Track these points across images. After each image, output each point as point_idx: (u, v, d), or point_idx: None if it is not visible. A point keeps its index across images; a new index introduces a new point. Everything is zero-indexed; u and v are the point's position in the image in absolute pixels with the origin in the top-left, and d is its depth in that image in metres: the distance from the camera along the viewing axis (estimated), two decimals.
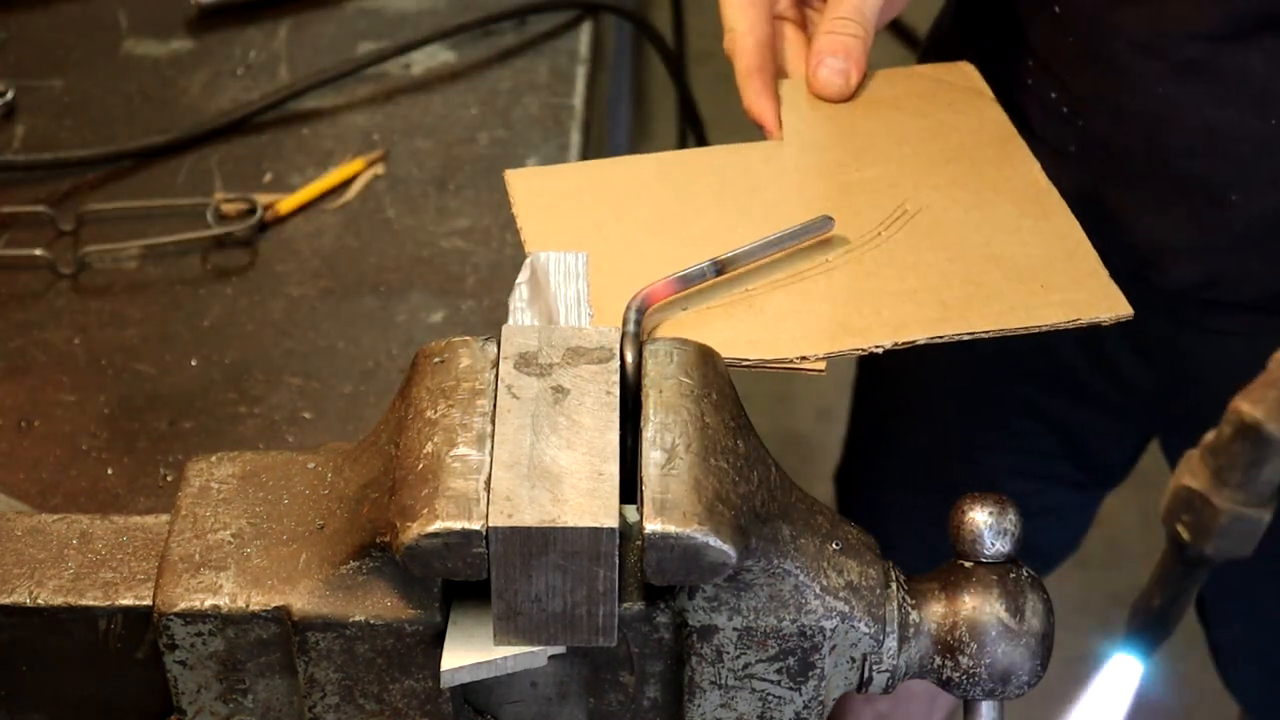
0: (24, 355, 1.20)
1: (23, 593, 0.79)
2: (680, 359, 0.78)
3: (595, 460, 0.74)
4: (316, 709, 0.80)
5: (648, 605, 0.77)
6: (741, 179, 1.00)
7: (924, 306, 0.91)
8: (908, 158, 1.03)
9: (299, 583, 0.77)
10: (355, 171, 1.33)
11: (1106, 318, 0.94)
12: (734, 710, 0.80)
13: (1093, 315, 0.93)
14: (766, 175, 1.01)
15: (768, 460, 0.79)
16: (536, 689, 0.82)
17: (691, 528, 0.72)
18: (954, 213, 0.99)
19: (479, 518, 0.72)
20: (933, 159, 1.03)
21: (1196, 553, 0.92)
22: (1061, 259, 0.96)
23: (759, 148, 1.03)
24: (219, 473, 0.82)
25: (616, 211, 0.97)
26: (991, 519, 0.81)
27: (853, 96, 1.06)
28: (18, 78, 1.41)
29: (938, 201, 0.99)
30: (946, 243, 0.97)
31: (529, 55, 1.45)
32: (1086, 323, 0.93)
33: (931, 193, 1.00)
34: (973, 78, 1.09)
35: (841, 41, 1.04)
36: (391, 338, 1.21)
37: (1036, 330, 0.92)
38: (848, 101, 1.06)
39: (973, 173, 1.02)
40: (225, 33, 1.46)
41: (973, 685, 0.80)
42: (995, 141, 1.04)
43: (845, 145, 1.04)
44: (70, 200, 1.31)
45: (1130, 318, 0.94)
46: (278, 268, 1.27)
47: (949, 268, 0.95)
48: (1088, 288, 0.94)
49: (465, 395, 0.76)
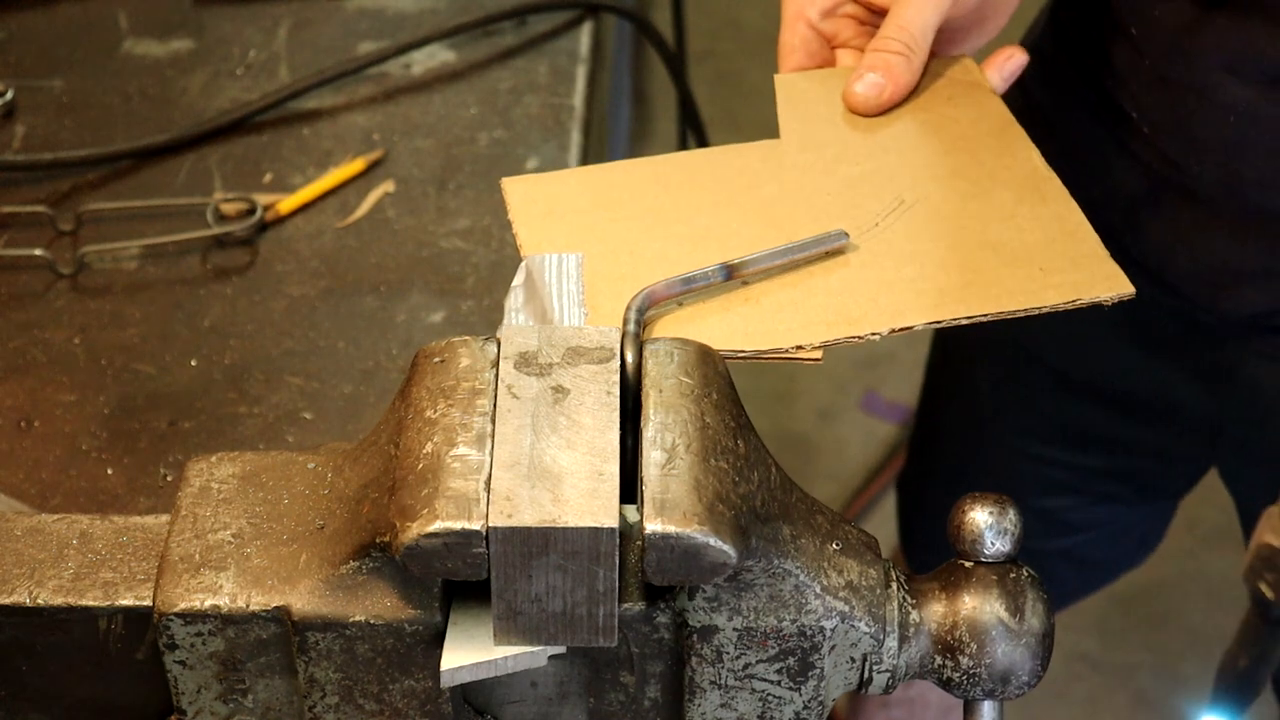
0: (24, 355, 1.20)
1: (23, 593, 0.79)
2: (681, 359, 0.78)
3: (595, 460, 0.74)
4: (316, 709, 0.80)
5: (648, 605, 0.77)
6: (739, 178, 1.00)
7: (921, 294, 0.91)
8: (906, 151, 1.03)
9: (299, 583, 0.77)
10: (355, 171, 1.33)
11: (1108, 297, 0.93)
12: (734, 710, 0.80)
13: (1093, 295, 0.93)
14: (764, 173, 1.01)
15: (768, 460, 0.79)
16: (536, 689, 0.82)
17: (692, 528, 0.72)
18: (952, 202, 0.99)
19: (479, 518, 0.72)
20: (932, 151, 1.03)
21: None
22: (1060, 242, 0.96)
23: (757, 147, 1.03)
24: (219, 473, 0.82)
25: (613, 215, 0.97)
26: (992, 519, 0.81)
27: None
28: (18, 78, 1.41)
29: (936, 192, 0.99)
30: (944, 232, 0.97)
31: (529, 55, 1.45)
32: (1088, 302, 0.93)
33: (930, 184, 1.00)
34: (971, 71, 1.09)
35: (884, 59, 1.04)
36: (391, 338, 1.22)
37: (1036, 312, 0.92)
38: None
39: (972, 163, 1.02)
40: (225, 33, 1.46)
41: (973, 685, 0.80)
42: (994, 132, 1.04)
43: (843, 141, 1.04)
44: (70, 200, 1.31)
45: (1132, 296, 0.93)
46: (278, 268, 1.27)
47: (946, 256, 0.95)
48: (1087, 268, 0.94)
49: (465, 395, 0.76)
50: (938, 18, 1.05)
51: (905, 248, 0.95)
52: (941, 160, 1.02)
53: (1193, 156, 1.21)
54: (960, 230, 0.97)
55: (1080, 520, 1.60)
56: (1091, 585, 1.81)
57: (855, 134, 1.04)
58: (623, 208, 0.98)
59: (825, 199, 0.98)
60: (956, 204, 0.98)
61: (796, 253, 0.92)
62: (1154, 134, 1.23)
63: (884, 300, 0.91)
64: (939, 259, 0.94)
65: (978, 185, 1.00)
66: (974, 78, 1.08)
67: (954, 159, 1.02)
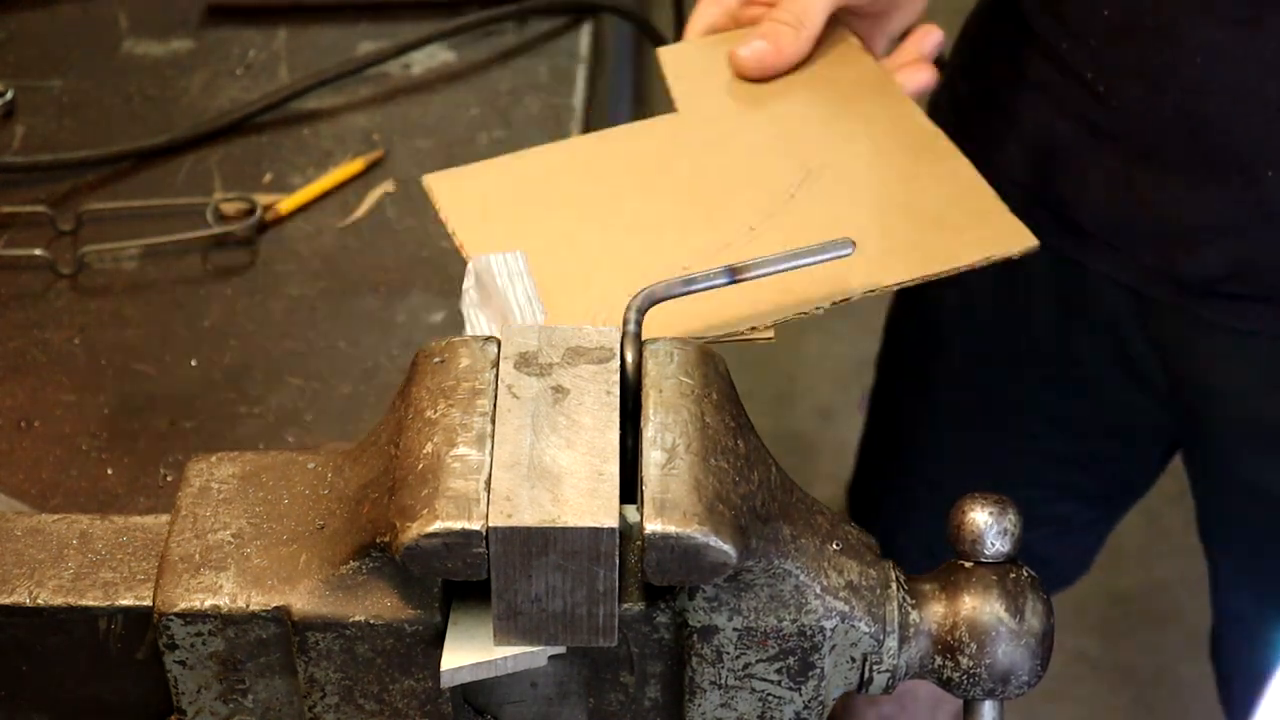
0: (24, 355, 1.20)
1: (23, 593, 0.79)
2: (680, 359, 0.78)
3: (595, 460, 0.74)
4: (316, 709, 0.80)
5: (648, 605, 0.77)
6: (651, 157, 1.03)
7: (851, 264, 0.92)
8: (798, 116, 1.06)
9: (299, 583, 0.77)
10: (355, 171, 1.33)
11: (1016, 251, 0.97)
12: (734, 710, 0.80)
13: (1004, 250, 0.97)
14: (673, 150, 1.03)
15: (768, 460, 0.79)
16: (536, 689, 0.82)
17: (692, 528, 0.72)
18: (855, 167, 1.01)
19: (479, 518, 0.72)
20: (822, 115, 1.06)
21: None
22: (962, 200, 1.00)
23: (658, 123, 1.06)
24: (219, 473, 0.82)
25: (543, 204, 0.99)
26: (992, 519, 0.81)
27: None
28: (18, 78, 1.41)
29: (836, 158, 1.02)
30: (855, 198, 0.99)
31: (529, 55, 1.45)
32: (1000, 258, 0.96)
33: (828, 151, 1.02)
34: (841, 32, 1.13)
35: (774, 28, 1.09)
36: (391, 338, 1.22)
37: (957, 271, 0.95)
38: None
39: (862, 124, 1.05)
40: (225, 33, 1.46)
41: (973, 685, 0.80)
42: (876, 89, 1.07)
43: (739, 113, 1.07)
44: (70, 200, 1.31)
45: (1037, 248, 0.97)
46: (278, 268, 1.27)
47: (865, 222, 0.97)
48: (993, 224, 0.98)
49: (465, 395, 0.76)
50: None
51: (825, 217, 0.98)
52: (833, 124, 1.05)
53: (1153, 104, 1.21)
54: (871, 195, 1.00)
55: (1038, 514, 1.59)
56: None
57: (748, 104, 1.07)
58: (551, 198, 1.00)
59: (736, 173, 1.01)
60: (860, 170, 1.01)
61: (802, 259, 0.92)
62: (1110, 92, 1.23)
63: (818, 272, 0.92)
64: (859, 226, 0.96)
65: (875, 147, 1.03)
66: (846, 39, 1.11)
67: (846, 123, 1.05)
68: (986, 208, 0.99)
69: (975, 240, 0.96)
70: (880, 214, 0.98)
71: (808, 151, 1.02)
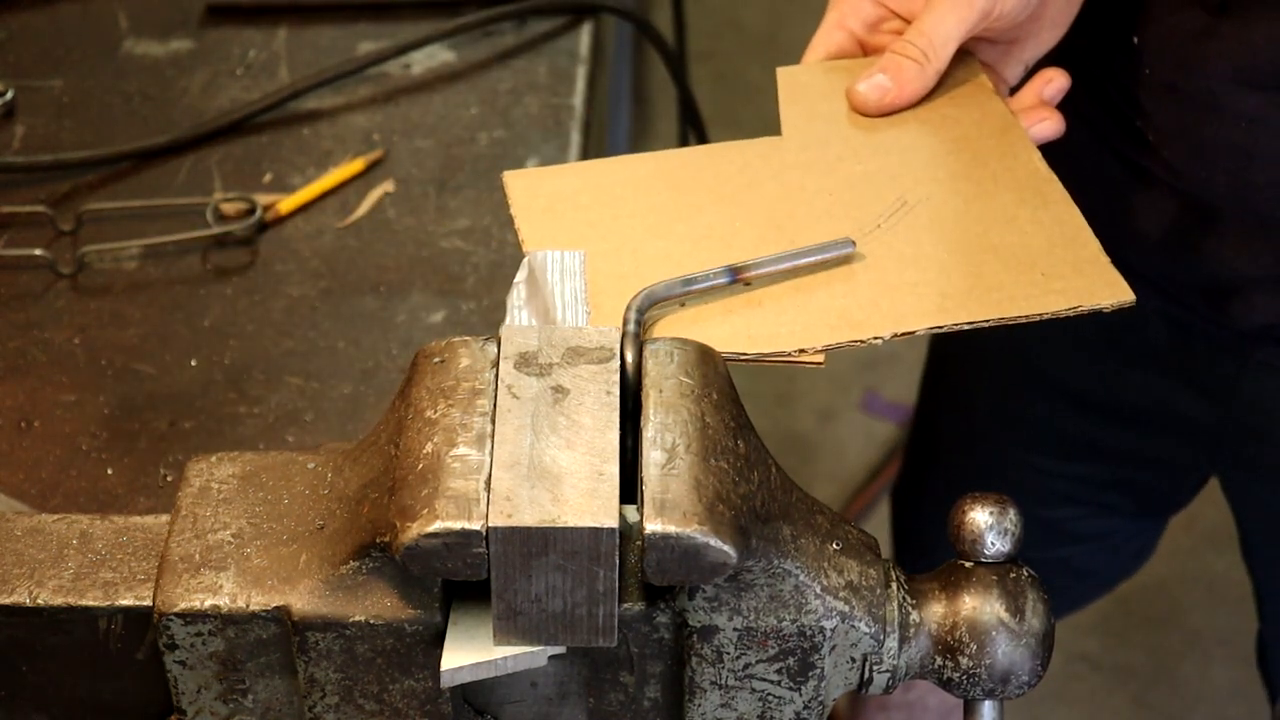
0: (24, 355, 1.20)
1: (23, 593, 0.79)
2: (681, 359, 0.78)
3: (595, 460, 0.74)
4: (316, 709, 0.80)
5: (648, 605, 0.77)
6: (740, 175, 1.00)
7: (923, 299, 0.91)
8: (908, 150, 1.02)
9: (299, 583, 0.77)
10: (355, 171, 1.33)
11: (1108, 304, 0.93)
12: (734, 710, 0.80)
13: (1094, 302, 0.93)
14: (766, 171, 1.01)
15: (768, 460, 0.79)
16: (536, 689, 0.82)
17: (692, 528, 0.72)
18: (954, 204, 0.98)
19: (479, 518, 0.72)
20: (934, 151, 1.02)
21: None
22: (1062, 247, 0.96)
23: (758, 144, 1.03)
24: (219, 473, 0.82)
25: (615, 211, 0.97)
26: (992, 519, 0.81)
27: None
28: (18, 78, 1.41)
29: (938, 194, 0.99)
30: (946, 234, 0.96)
31: (529, 55, 1.45)
32: (1088, 309, 0.93)
33: (932, 185, 0.99)
34: (974, 69, 1.08)
35: (897, 62, 1.04)
36: (391, 338, 1.21)
37: (1037, 319, 0.92)
38: None
39: (974, 164, 1.01)
40: (225, 33, 1.46)
41: (973, 685, 0.80)
42: (996, 132, 1.04)
43: (845, 140, 1.03)
44: (70, 200, 1.31)
45: (1133, 304, 0.93)
46: (278, 268, 1.27)
47: (948, 259, 0.94)
48: (1088, 275, 0.94)
49: (465, 395, 0.76)
50: (961, 29, 1.04)
51: (907, 250, 0.95)
52: (944, 161, 1.02)
53: (1201, 164, 1.20)
54: (962, 233, 0.96)
55: (1080, 530, 1.60)
56: (1090, 595, 1.81)
57: (857, 131, 1.04)
58: (624, 204, 0.97)
59: (827, 198, 0.98)
60: (959, 206, 0.98)
61: (802, 258, 0.92)
62: (1160, 143, 1.22)
63: (886, 304, 0.90)
64: (941, 262, 0.94)
65: (980, 187, 1.00)
66: (976, 77, 1.08)
67: (956, 160, 1.02)
68: (1086, 256, 0.95)
69: (1066, 289, 0.93)
70: (969, 252, 0.95)
71: (908, 184, 0.99)
